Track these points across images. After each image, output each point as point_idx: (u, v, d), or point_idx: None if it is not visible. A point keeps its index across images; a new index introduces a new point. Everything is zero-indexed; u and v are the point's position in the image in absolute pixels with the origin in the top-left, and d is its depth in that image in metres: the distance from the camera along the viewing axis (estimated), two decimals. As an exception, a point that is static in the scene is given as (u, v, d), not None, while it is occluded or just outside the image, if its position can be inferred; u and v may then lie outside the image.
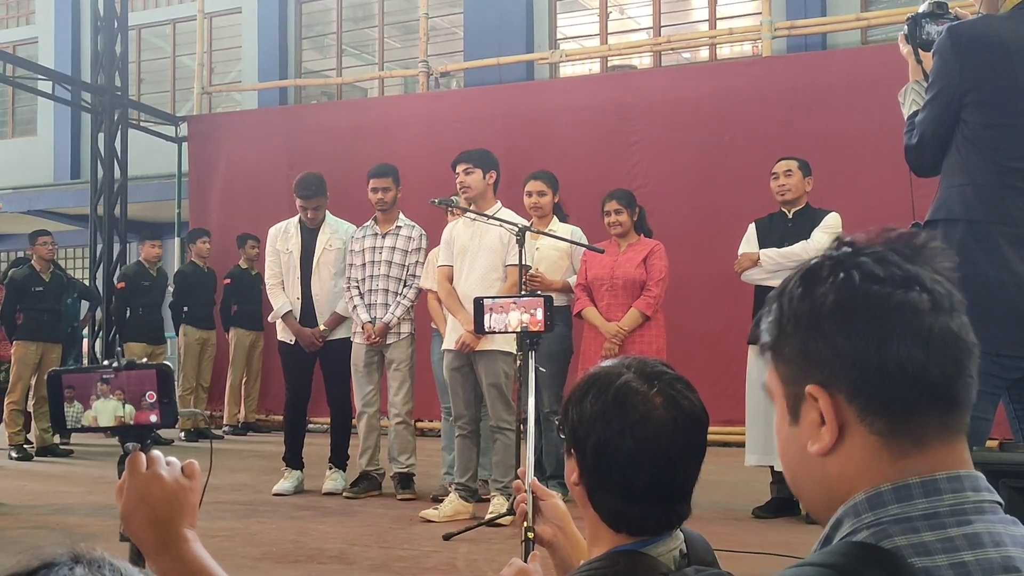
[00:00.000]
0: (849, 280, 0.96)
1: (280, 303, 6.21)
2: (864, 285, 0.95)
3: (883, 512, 0.93)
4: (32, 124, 16.84)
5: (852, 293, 0.96)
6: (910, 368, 0.93)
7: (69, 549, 0.78)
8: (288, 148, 10.25)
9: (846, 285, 0.96)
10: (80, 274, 13.04)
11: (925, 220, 2.62)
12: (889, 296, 0.94)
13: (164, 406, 1.30)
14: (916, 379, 0.93)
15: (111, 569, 0.76)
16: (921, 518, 0.91)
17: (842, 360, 0.96)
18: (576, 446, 1.45)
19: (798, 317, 0.99)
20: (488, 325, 3.02)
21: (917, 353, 0.93)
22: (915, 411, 0.94)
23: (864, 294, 0.95)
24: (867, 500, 0.94)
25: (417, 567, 4.11)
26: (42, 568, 0.75)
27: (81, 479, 7.09)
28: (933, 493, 0.93)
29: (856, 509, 0.94)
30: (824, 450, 0.97)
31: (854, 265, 0.97)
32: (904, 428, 0.95)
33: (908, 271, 0.96)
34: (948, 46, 2.55)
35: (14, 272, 8.40)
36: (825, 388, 0.96)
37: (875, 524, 0.92)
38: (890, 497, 0.93)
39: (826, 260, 1.00)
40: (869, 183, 7.76)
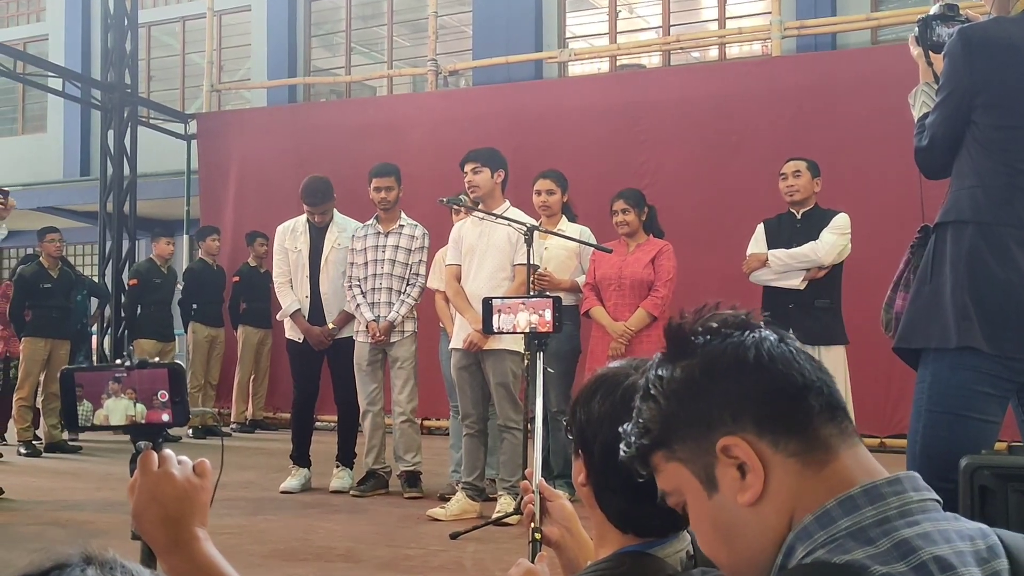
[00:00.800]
0: (700, 344, 1.05)
1: (289, 302, 6.22)
2: (715, 341, 1.05)
3: (834, 528, 0.94)
4: (42, 121, 16.88)
5: (711, 349, 1.04)
6: (786, 386, 1.00)
7: (81, 550, 0.78)
8: (297, 146, 10.27)
9: (703, 348, 1.05)
10: (89, 271, 13.06)
11: (935, 222, 2.62)
12: (738, 339, 1.04)
13: (176, 405, 1.31)
14: (796, 393, 1.00)
15: (123, 570, 0.76)
16: (873, 525, 0.92)
17: (738, 402, 1.01)
18: (584, 447, 1.45)
19: (678, 393, 1.05)
20: (497, 325, 3.02)
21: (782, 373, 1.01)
22: (813, 421, 0.99)
23: (721, 346, 1.04)
24: (816, 520, 0.95)
25: (425, 566, 4.12)
26: (54, 569, 0.76)
27: (90, 475, 7.12)
28: (877, 499, 0.94)
29: (807, 531, 0.95)
30: (756, 494, 0.99)
31: (691, 334, 1.07)
32: (813, 439, 0.99)
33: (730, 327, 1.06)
34: (959, 48, 2.54)
35: (23, 269, 8.42)
36: (735, 435, 1.00)
37: (830, 541, 0.93)
38: (837, 512, 0.94)
39: (655, 362, 1.10)
40: (878, 184, 7.74)
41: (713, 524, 1.04)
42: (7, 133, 17.34)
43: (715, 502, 1.03)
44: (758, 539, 1.01)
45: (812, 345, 5.12)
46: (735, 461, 1.00)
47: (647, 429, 1.07)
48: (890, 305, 2.81)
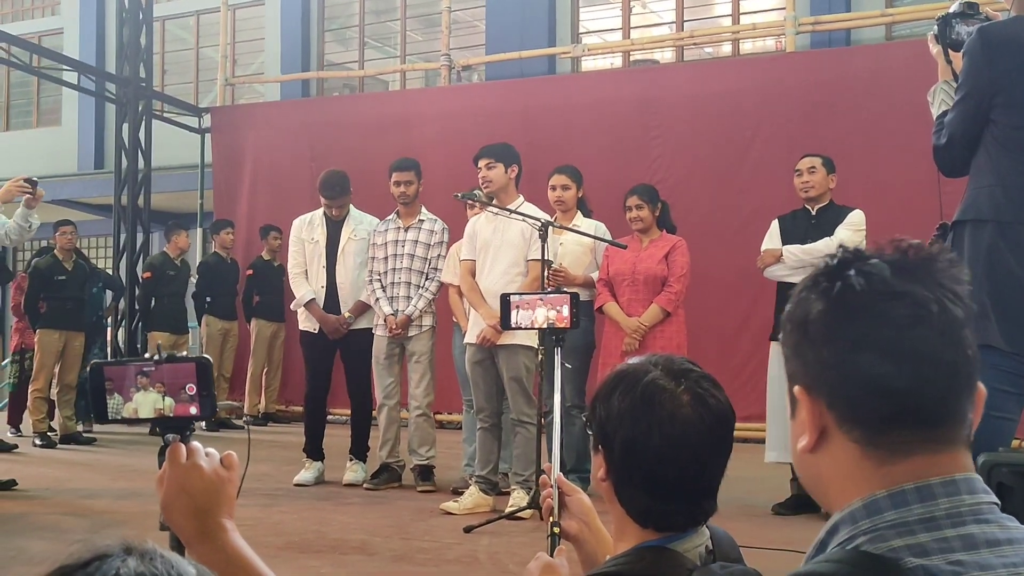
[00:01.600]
0: (833, 290, 0.99)
1: (303, 291, 6.24)
2: (846, 296, 0.97)
3: (879, 519, 0.94)
4: (57, 114, 16.94)
5: (834, 303, 0.98)
6: (880, 383, 0.94)
7: (121, 541, 0.80)
8: (310, 140, 10.29)
9: (830, 294, 0.99)
10: (103, 263, 13.13)
11: (953, 220, 2.62)
12: (867, 309, 0.96)
13: (203, 398, 1.33)
14: (886, 395, 0.95)
15: (163, 561, 0.78)
16: (918, 522, 0.92)
17: (822, 368, 0.98)
18: (604, 442, 1.46)
19: (794, 320, 1.02)
20: (515, 321, 3.03)
21: (888, 368, 0.94)
22: (889, 426, 0.96)
23: (844, 305, 0.97)
24: (864, 507, 0.95)
25: (439, 559, 4.14)
26: (95, 560, 0.77)
27: (105, 467, 7.16)
28: (928, 498, 0.94)
29: (853, 516, 0.96)
30: (806, 449, 1.00)
31: (842, 276, 0.99)
32: (881, 440, 0.96)
33: (895, 285, 0.96)
34: (978, 47, 2.54)
35: (37, 261, 8.47)
36: (808, 392, 0.99)
37: (872, 530, 0.93)
38: (886, 504, 0.94)
39: (824, 267, 1.03)
40: (894, 181, 7.72)
41: (791, 436, 1.06)
42: (22, 126, 17.42)
43: (791, 425, 1.05)
44: (809, 482, 1.04)
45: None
46: (804, 410, 1.01)
47: (782, 328, 1.07)
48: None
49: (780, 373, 5.26)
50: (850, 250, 1.03)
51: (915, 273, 0.97)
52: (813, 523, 4.95)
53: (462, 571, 3.94)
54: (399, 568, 3.99)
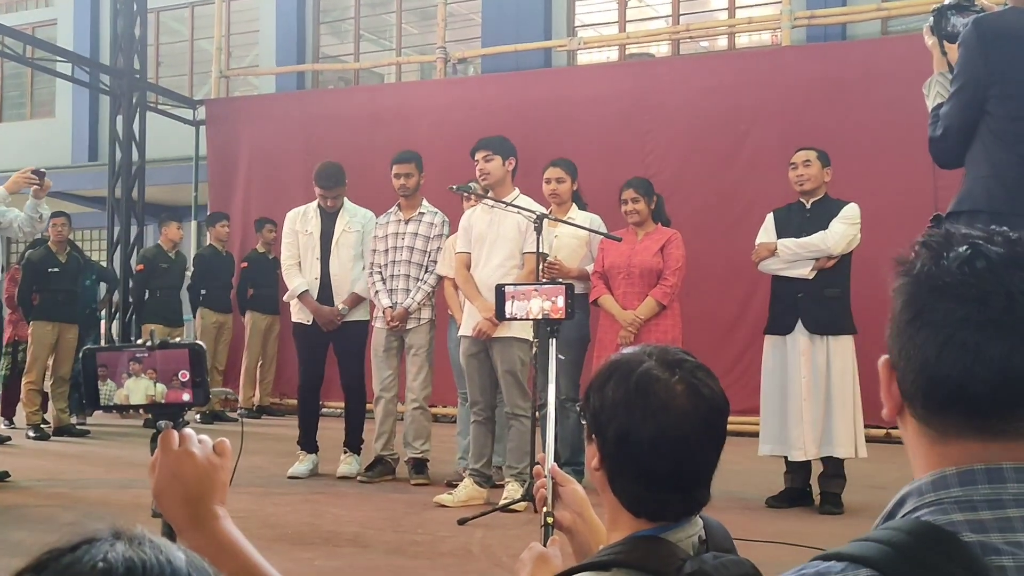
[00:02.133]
0: (911, 268, 1.01)
1: (296, 283, 6.23)
2: (917, 275, 1.00)
3: (945, 493, 0.96)
4: (50, 106, 16.90)
5: (908, 281, 1.01)
6: (927, 367, 0.98)
7: (110, 525, 0.79)
8: (305, 133, 10.27)
9: (908, 273, 1.01)
10: (97, 256, 13.10)
11: (948, 211, 2.62)
12: (932, 292, 0.98)
13: (196, 385, 1.32)
14: (932, 380, 0.98)
15: (151, 545, 0.77)
16: (983, 501, 0.94)
17: (896, 345, 1.02)
18: (597, 432, 1.46)
19: (895, 292, 1.04)
20: (509, 312, 3.03)
21: (932, 354, 0.97)
22: (936, 410, 0.99)
23: (912, 285, 1.01)
24: (931, 482, 0.98)
25: (432, 551, 4.14)
26: (84, 543, 0.76)
27: (99, 458, 7.15)
28: (997, 480, 0.95)
29: (920, 489, 0.99)
30: (889, 415, 1.06)
31: (920, 255, 1.01)
32: (932, 421, 1.00)
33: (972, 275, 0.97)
34: (973, 38, 2.54)
35: (31, 253, 8.45)
36: (890, 364, 1.04)
37: (936, 503, 0.96)
38: (953, 480, 0.97)
39: (914, 244, 1.04)
40: (889, 174, 7.73)
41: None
42: (16, 118, 17.37)
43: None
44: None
45: (821, 335, 5.13)
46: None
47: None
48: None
49: (774, 366, 5.28)
50: (952, 233, 1.03)
51: (997, 265, 0.98)
52: (806, 516, 4.97)
53: (456, 563, 3.94)
54: (393, 560, 3.99)
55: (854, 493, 5.22)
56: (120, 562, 0.74)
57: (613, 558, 1.36)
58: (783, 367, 5.22)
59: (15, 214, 5.89)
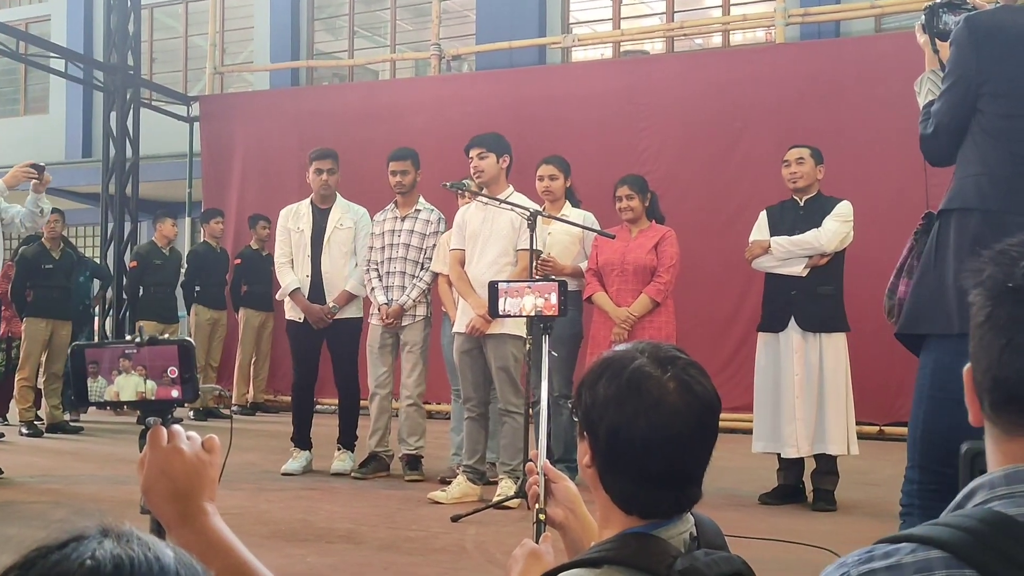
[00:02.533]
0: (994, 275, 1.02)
1: (288, 281, 6.22)
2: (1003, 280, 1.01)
3: (1019, 487, 0.98)
4: (44, 102, 16.85)
5: (992, 287, 1.03)
6: (990, 367, 1.01)
7: (98, 523, 0.79)
8: (299, 129, 10.25)
9: (991, 279, 1.03)
10: (91, 252, 13.07)
11: (939, 209, 2.62)
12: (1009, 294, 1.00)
13: (186, 382, 1.32)
14: (995, 379, 1.00)
15: (139, 542, 0.77)
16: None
17: (972, 347, 1.04)
18: (589, 429, 1.45)
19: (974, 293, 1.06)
20: (502, 308, 3.03)
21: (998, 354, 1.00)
22: (999, 408, 1.02)
23: (998, 291, 1.02)
24: (1004, 476, 0.99)
25: (426, 547, 4.14)
26: (72, 541, 0.76)
27: (92, 455, 7.14)
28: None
29: (992, 482, 1.00)
30: (974, 417, 1.07)
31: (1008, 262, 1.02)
32: (997, 419, 1.03)
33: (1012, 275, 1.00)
34: (965, 36, 2.54)
35: (24, 249, 8.42)
36: (972, 363, 1.06)
37: (1008, 496, 0.97)
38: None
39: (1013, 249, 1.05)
40: (882, 171, 7.74)
41: None
42: (9, 114, 17.32)
43: None
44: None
45: (814, 332, 5.14)
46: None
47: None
48: (893, 291, 2.82)
49: (768, 364, 5.29)
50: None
51: None
52: (799, 513, 4.98)
53: (449, 560, 3.94)
54: (386, 557, 4.00)
55: (847, 490, 5.23)
56: (108, 559, 0.74)
57: (604, 555, 1.36)
58: (776, 364, 5.23)
59: (16, 209, 5.87)
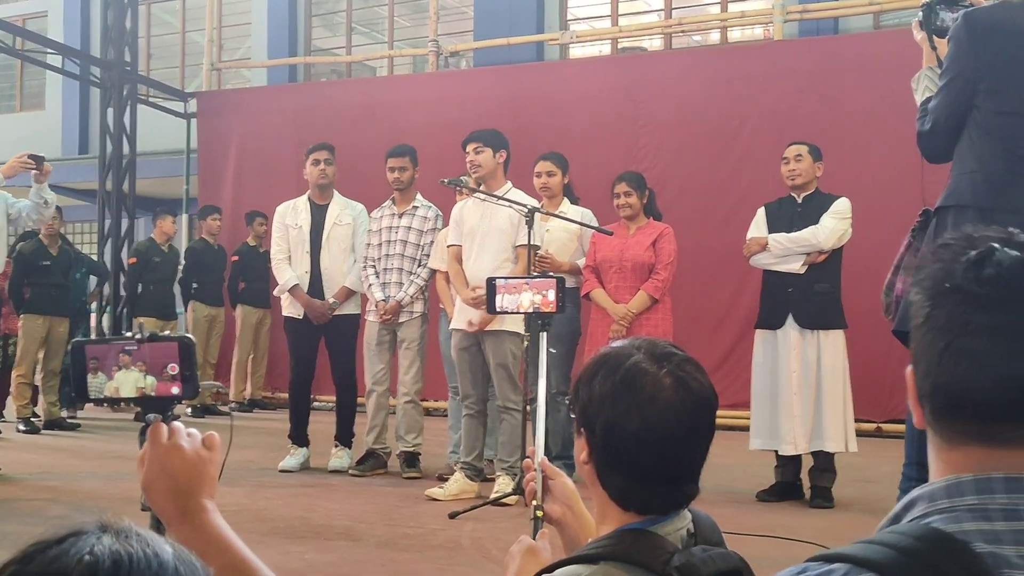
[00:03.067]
0: (935, 273, 0.97)
1: (286, 277, 6.22)
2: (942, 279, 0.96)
3: (959, 500, 0.92)
4: (40, 98, 16.81)
5: (932, 287, 0.97)
6: (931, 373, 0.95)
7: (97, 518, 0.79)
8: (297, 126, 10.25)
9: (932, 276, 0.97)
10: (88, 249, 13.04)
11: (936, 206, 2.63)
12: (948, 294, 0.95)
13: (186, 378, 1.32)
14: (935, 384, 0.95)
15: (138, 538, 0.77)
16: (998, 511, 0.90)
17: (913, 347, 0.99)
18: (586, 425, 1.45)
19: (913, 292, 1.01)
20: (500, 305, 3.03)
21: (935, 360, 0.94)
22: (941, 416, 0.96)
23: (938, 291, 0.96)
24: (945, 488, 0.94)
25: (423, 544, 4.15)
26: (70, 536, 0.76)
27: (89, 452, 7.14)
28: (1016, 490, 0.91)
29: (932, 494, 0.94)
30: (917, 420, 1.01)
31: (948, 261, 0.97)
32: (940, 427, 0.97)
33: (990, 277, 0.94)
34: (963, 32, 2.55)
35: (22, 246, 8.41)
36: (913, 366, 1.00)
37: (949, 510, 0.92)
38: (969, 487, 0.92)
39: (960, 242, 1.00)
40: (880, 168, 7.75)
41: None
42: (5, 110, 17.28)
43: None
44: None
45: (811, 329, 5.14)
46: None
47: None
48: (890, 288, 2.82)
49: (765, 360, 5.29)
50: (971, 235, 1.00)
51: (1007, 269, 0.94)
52: (796, 510, 4.99)
53: (446, 556, 3.95)
54: (384, 554, 4.00)
55: (844, 487, 5.24)
56: (106, 555, 0.74)
57: (601, 551, 1.37)
58: (774, 361, 5.23)
59: (23, 203, 5.85)
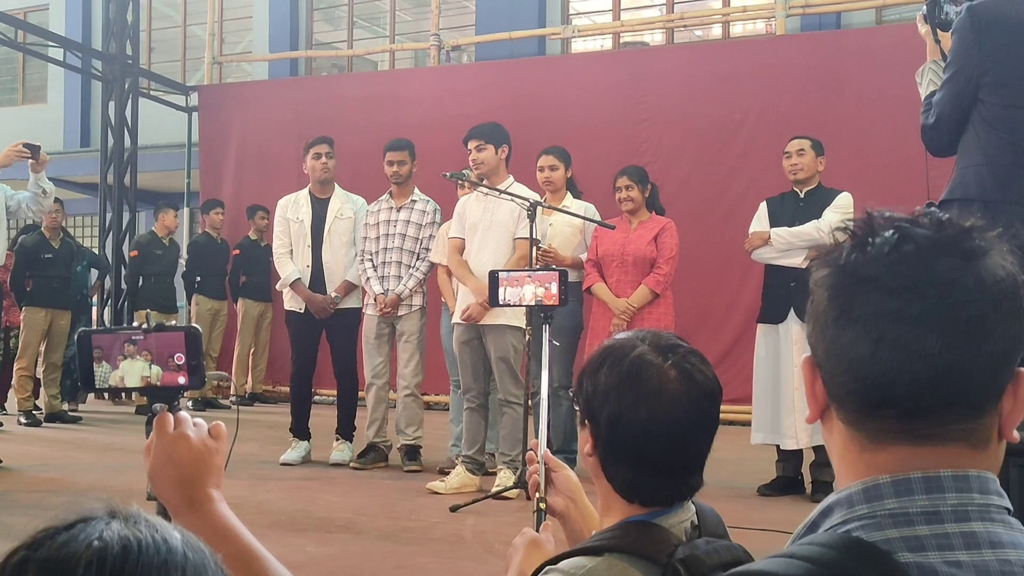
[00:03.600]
0: (836, 259, 0.92)
1: (288, 271, 6.22)
2: (847, 266, 0.91)
3: (879, 505, 0.87)
4: (42, 91, 16.80)
5: (835, 274, 0.92)
6: (857, 366, 0.89)
7: (105, 504, 0.80)
8: (298, 120, 10.24)
9: (836, 262, 0.93)
10: (89, 242, 13.05)
11: (940, 200, 2.63)
12: (861, 284, 0.89)
13: (192, 369, 1.32)
14: (861, 379, 0.89)
15: (147, 524, 0.77)
16: (920, 515, 0.86)
17: (815, 340, 0.94)
18: (590, 417, 1.45)
19: (811, 285, 0.96)
20: (503, 298, 3.02)
21: (864, 351, 0.88)
22: (867, 412, 0.90)
23: (843, 276, 0.91)
24: (863, 491, 0.89)
25: (425, 537, 4.15)
26: (79, 522, 0.77)
27: (91, 445, 7.15)
28: (936, 491, 0.87)
29: (850, 499, 0.89)
30: (812, 418, 0.96)
31: (853, 247, 0.92)
32: (861, 425, 0.91)
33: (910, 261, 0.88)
34: (967, 26, 2.54)
35: (24, 239, 8.42)
36: (814, 363, 0.95)
37: (869, 517, 0.87)
38: (888, 491, 0.88)
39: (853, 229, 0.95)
40: (882, 163, 7.74)
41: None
42: (7, 103, 17.27)
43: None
44: (828, 452, 1.00)
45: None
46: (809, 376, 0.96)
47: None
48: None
49: (767, 355, 5.29)
50: (874, 217, 0.95)
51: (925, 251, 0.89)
52: (798, 504, 4.99)
53: (448, 549, 3.95)
54: (385, 547, 4.00)
55: (845, 481, 5.23)
56: (115, 540, 0.74)
57: (605, 543, 1.37)
58: (776, 356, 5.24)
59: (23, 195, 5.85)
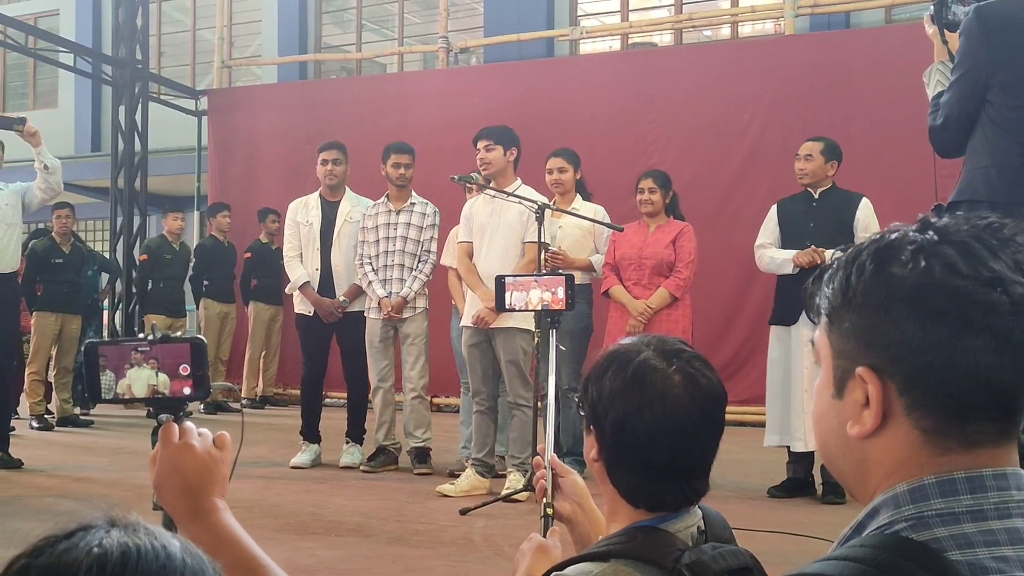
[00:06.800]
0: (930, 269, 0.90)
1: (298, 275, 6.24)
2: (946, 277, 0.89)
3: (925, 506, 0.89)
4: (53, 96, 16.88)
5: (933, 283, 0.90)
6: (978, 371, 0.88)
7: (105, 513, 0.80)
8: (307, 123, 10.27)
9: (927, 273, 0.90)
10: (100, 247, 13.11)
11: (948, 201, 2.62)
12: (972, 294, 0.88)
13: (197, 379, 1.33)
14: (981, 383, 0.89)
15: (146, 532, 0.78)
16: (965, 513, 0.88)
17: (907, 349, 0.91)
18: (595, 423, 1.45)
19: (868, 293, 0.93)
20: (509, 303, 3.02)
21: (991, 357, 0.88)
22: (971, 415, 0.90)
23: (945, 287, 0.89)
24: (909, 492, 0.90)
25: (435, 540, 4.15)
26: (79, 531, 0.77)
27: (102, 449, 7.17)
28: (979, 490, 0.89)
29: (896, 500, 0.91)
30: (863, 435, 0.94)
31: (937, 253, 0.90)
32: (955, 430, 0.91)
33: (993, 270, 0.89)
34: (975, 26, 2.53)
35: (34, 243, 8.45)
36: (878, 373, 0.92)
37: (915, 517, 0.89)
38: (934, 491, 0.89)
39: (907, 241, 0.93)
40: (891, 164, 7.72)
41: (823, 414, 1.00)
42: (18, 108, 17.33)
43: (834, 405, 0.98)
44: (849, 466, 0.98)
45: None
46: (863, 392, 0.94)
47: (826, 296, 0.99)
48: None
49: (779, 357, 5.27)
50: (931, 224, 0.94)
51: (999, 255, 0.90)
52: (808, 507, 4.98)
53: (457, 553, 3.95)
54: (395, 550, 4.01)
55: (856, 483, 5.21)
56: (115, 548, 0.75)
57: (612, 548, 1.36)
58: (788, 358, 5.22)
59: (31, 184, 5.85)
